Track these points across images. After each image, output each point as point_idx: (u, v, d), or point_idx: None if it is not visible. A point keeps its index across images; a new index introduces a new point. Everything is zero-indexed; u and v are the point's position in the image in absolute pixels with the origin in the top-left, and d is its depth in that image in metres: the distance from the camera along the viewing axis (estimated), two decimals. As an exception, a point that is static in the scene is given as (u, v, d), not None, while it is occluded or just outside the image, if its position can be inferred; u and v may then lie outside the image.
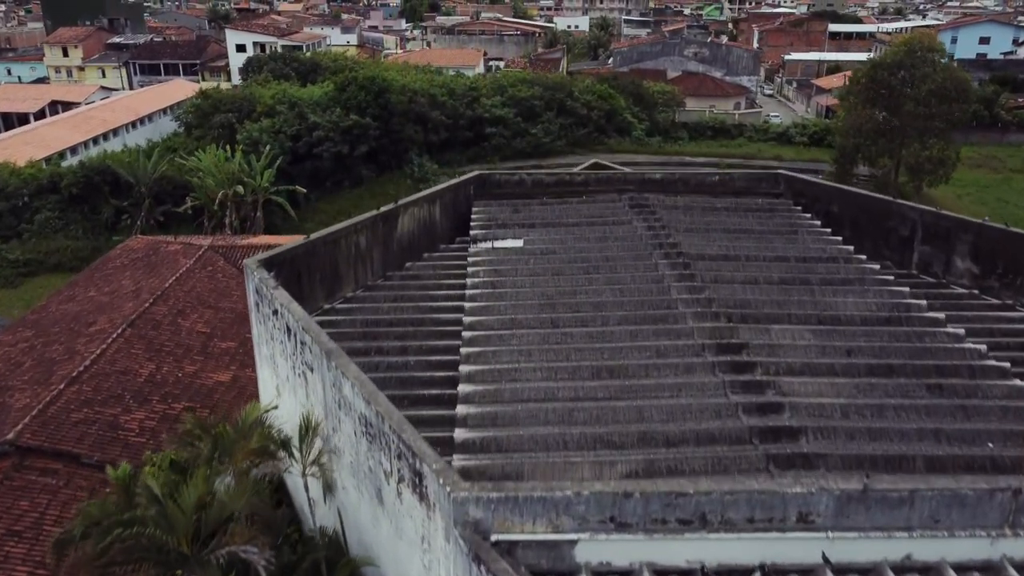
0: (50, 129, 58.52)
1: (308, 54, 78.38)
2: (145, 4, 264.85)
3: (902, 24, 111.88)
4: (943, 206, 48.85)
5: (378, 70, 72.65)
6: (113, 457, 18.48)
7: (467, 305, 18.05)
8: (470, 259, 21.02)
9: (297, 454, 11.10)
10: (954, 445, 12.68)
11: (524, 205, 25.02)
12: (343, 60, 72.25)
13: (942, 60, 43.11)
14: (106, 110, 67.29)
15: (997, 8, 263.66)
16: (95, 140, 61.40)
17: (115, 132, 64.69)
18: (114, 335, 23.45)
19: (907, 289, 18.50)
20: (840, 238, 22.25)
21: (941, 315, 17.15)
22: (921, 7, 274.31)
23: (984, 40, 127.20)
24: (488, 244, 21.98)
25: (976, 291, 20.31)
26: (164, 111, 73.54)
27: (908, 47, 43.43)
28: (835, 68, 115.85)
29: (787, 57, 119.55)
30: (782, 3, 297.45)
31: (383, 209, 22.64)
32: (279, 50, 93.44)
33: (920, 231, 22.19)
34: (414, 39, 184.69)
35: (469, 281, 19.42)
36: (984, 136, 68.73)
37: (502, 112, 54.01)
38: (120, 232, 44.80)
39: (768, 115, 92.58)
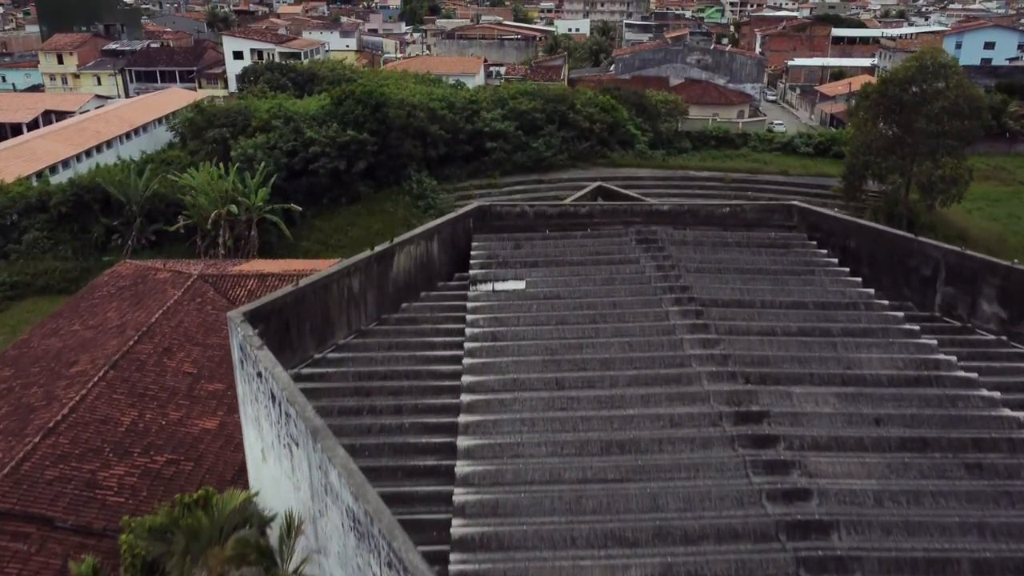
0: (41, 142, 57.41)
1: (306, 62, 77.32)
2: (144, 7, 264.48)
3: (907, 30, 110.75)
4: (953, 223, 47.76)
5: (376, 80, 71.74)
6: (89, 520, 17.40)
7: (466, 361, 16.91)
8: (469, 304, 19.89)
9: (279, 557, 9.99)
10: (1001, 540, 11.54)
11: (526, 239, 23.90)
12: (341, 70, 71.17)
13: (955, 75, 41.86)
14: (99, 121, 66.18)
15: (1000, 11, 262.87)
16: (88, 153, 60.27)
17: (108, 144, 63.56)
18: (95, 378, 22.36)
19: (935, 342, 17.35)
20: (859, 279, 21.12)
21: (974, 375, 16.01)
22: (923, 9, 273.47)
23: (989, 45, 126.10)
24: (488, 286, 20.86)
25: (1004, 337, 19.17)
26: (159, 120, 72.43)
27: (920, 62, 42.32)
28: (839, 74, 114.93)
29: (790, 63, 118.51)
30: (783, 4, 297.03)
31: (377, 249, 21.50)
32: (276, 57, 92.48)
33: (943, 272, 21.06)
34: (414, 42, 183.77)
35: (468, 331, 18.30)
36: (992, 146, 67.55)
37: (503, 126, 52.90)
38: (110, 252, 43.75)
39: (772, 123, 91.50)
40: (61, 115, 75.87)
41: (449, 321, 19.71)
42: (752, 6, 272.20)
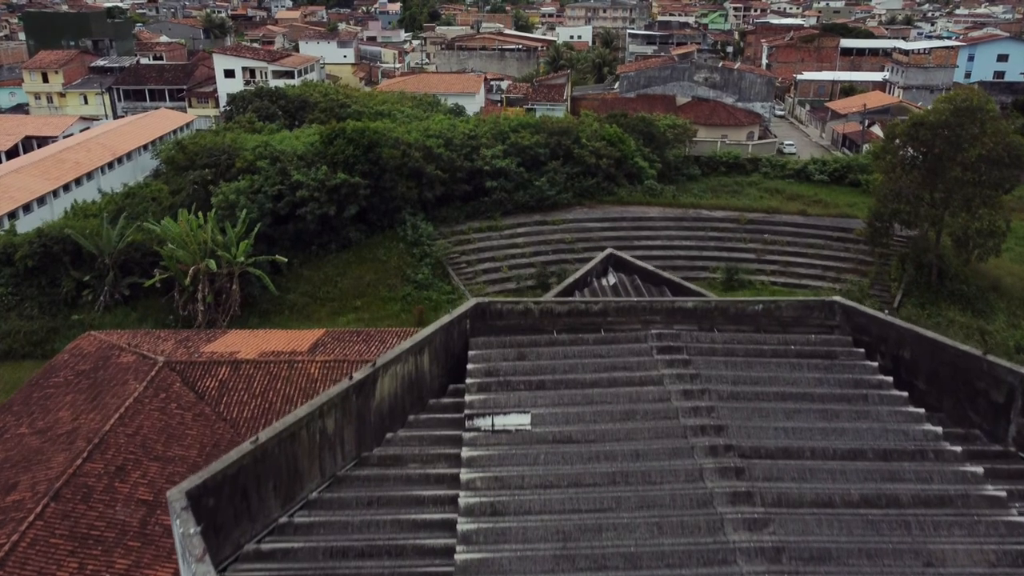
0: (15, 177, 54.22)
1: (298, 84, 74.08)
2: (139, 11, 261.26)
3: (920, 44, 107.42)
4: (986, 272, 44.52)
5: (372, 103, 68.67)
6: None
7: (459, 557, 13.63)
8: (465, 452, 16.60)
9: None
10: None
11: (531, 345, 20.64)
12: (334, 94, 67.95)
13: (991, 120, 38.66)
14: (80, 150, 62.97)
15: (1007, 16, 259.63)
16: (66, 187, 57.11)
17: (89, 176, 60.41)
18: (32, 515, 19.18)
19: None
20: (922, 411, 17.87)
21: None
22: (929, 15, 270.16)
23: (1002, 58, 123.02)
24: (487, 421, 17.56)
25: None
26: (145, 147, 69.28)
27: (954, 106, 39.13)
28: (849, 89, 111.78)
29: (799, 77, 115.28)
30: (787, 9, 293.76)
31: (357, 377, 18.08)
32: (269, 75, 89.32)
33: (1020, 399, 17.75)
34: (413, 51, 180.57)
35: (463, 501, 15.02)
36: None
37: (503, 163, 49.68)
38: (81, 310, 40.59)
39: (782, 143, 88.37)
40: (43, 140, 72.77)
41: (441, 462, 16.37)
42: (755, 11, 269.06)
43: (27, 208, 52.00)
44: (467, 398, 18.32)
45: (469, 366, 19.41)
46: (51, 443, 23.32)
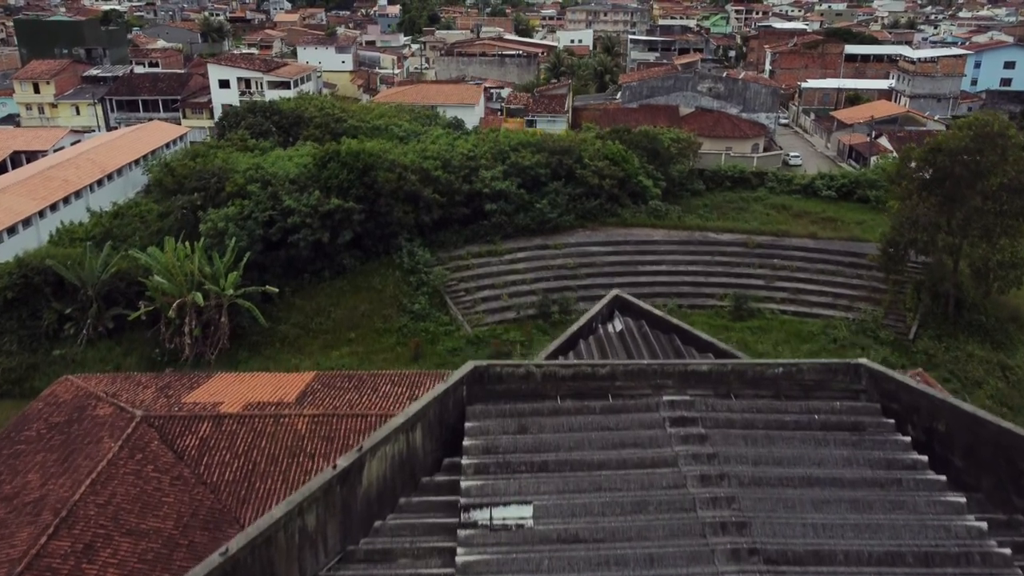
0: (0, 198, 52.53)
1: (293, 96, 72.38)
2: (137, 13, 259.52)
3: (926, 53, 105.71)
4: (1005, 303, 42.82)
5: (369, 117, 66.92)
6: None
7: None
8: (461, 554, 14.94)
9: None
10: None
11: (533, 414, 18.95)
12: (330, 108, 66.26)
13: (1015, 147, 36.96)
14: (69, 167, 61.30)
15: (1010, 19, 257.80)
16: (53, 207, 55.45)
17: (77, 194, 58.75)
18: (-13, 611, 17.53)
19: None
20: (962, 500, 16.20)
21: None
22: (932, 16, 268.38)
23: (1009, 65, 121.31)
24: (485, 514, 15.87)
25: None
26: (136, 162, 67.61)
27: (974, 131, 37.46)
28: (854, 97, 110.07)
29: (804, 84, 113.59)
30: (789, 11, 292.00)
31: (341, 465, 16.36)
32: (265, 86, 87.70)
33: (1071, 486, 16.03)
34: (412, 55, 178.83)
35: (458, 624, 13.32)
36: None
37: (503, 185, 47.99)
38: (62, 343, 38.93)
39: (787, 155, 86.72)
40: (32, 155, 71.12)
41: (434, 557, 14.74)
42: (757, 14, 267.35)
43: (11, 231, 50.34)
44: (463, 483, 16.57)
45: (466, 441, 17.67)
46: (16, 514, 21.68)
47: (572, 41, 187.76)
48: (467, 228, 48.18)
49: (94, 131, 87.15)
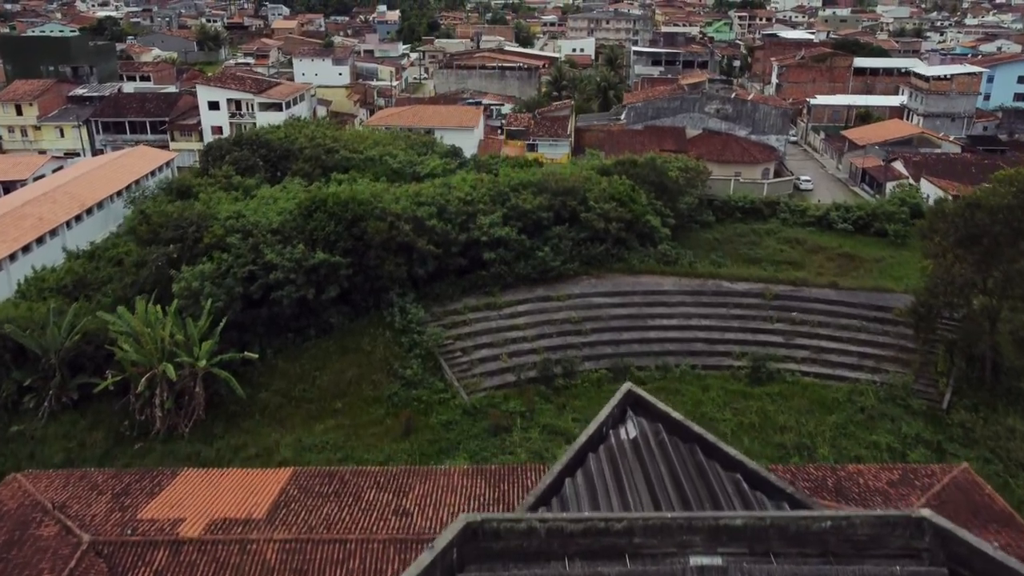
0: (-33, 242, 49.40)
1: (284, 120, 69.13)
2: (133, 20, 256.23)
3: (941, 70, 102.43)
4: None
5: (362, 146, 63.73)
6: None
7: None
8: None
9: None
10: None
11: (536, 586, 15.71)
12: (321, 138, 63.06)
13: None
14: (45, 202, 58.05)
15: (1017, 26, 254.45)
16: (26, 248, 52.27)
17: (53, 232, 55.54)
18: None
19: None
20: None
21: None
22: (938, 24, 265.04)
23: (1022, 79, 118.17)
24: None
25: None
26: (118, 194, 64.40)
27: (1017, 187, 34.30)
28: (865, 114, 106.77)
29: (813, 101, 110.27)
30: (792, 17, 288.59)
31: None
32: (256, 107, 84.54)
33: None
34: (411, 65, 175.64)
35: None
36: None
37: (503, 232, 44.77)
38: (22, 418, 35.74)
39: (798, 179, 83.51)
40: (10, 185, 67.99)
41: None
42: (761, 20, 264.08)
43: (-22, 278, 47.26)
44: None
45: (458, 622, 14.45)
46: None
47: (574, 50, 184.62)
48: (464, 279, 44.99)
49: (78, 155, 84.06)
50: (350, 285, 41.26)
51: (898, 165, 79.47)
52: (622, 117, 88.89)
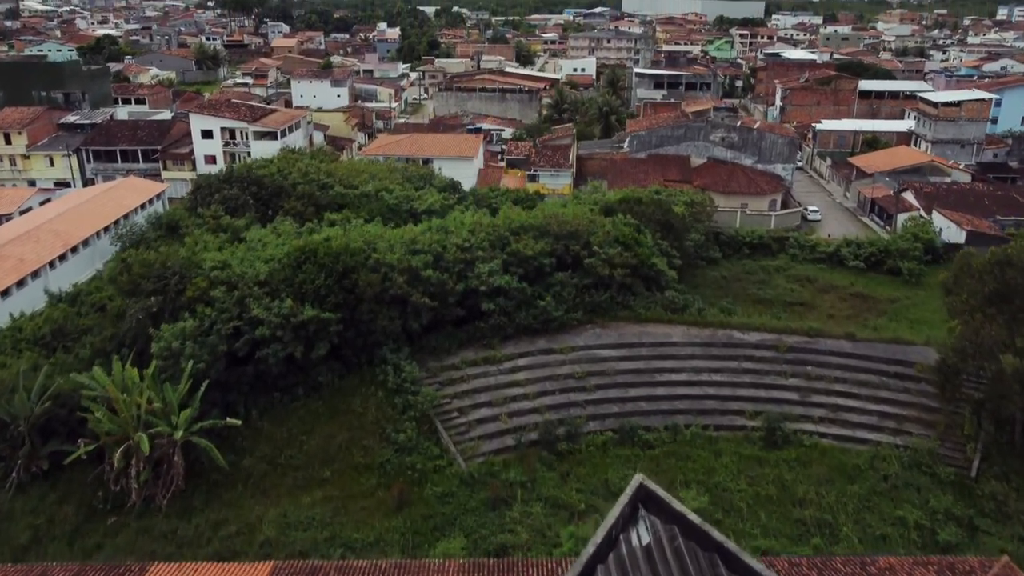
0: (-58, 288, 47.26)
1: (275, 159, 67.10)
2: (133, 38, 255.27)
3: (950, 96, 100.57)
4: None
5: (358, 180, 61.63)
6: None
7: None
8: None
9: None
10: None
11: None
12: (315, 174, 60.97)
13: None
14: (28, 241, 55.89)
15: (1019, 44, 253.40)
16: (5, 292, 50.15)
17: (36, 274, 53.39)
18: None
19: None
20: None
21: None
22: (939, 42, 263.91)
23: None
24: None
25: None
26: (106, 230, 62.28)
27: (1052, 245, 32.18)
28: (872, 140, 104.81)
29: (818, 127, 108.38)
30: (794, 35, 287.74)
31: None
32: (250, 136, 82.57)
33: None
34: (412, 85, 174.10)
35: None
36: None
37: (503, 280, 42.55)
38: (-13, 491, 33.41)
39: (806, 209, 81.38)
40: (-6, 220, 65.88)
41: None
42: (762, 38, 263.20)
43: (-49, 328, 45.04)
44: None
45: None
46: None
47: (575, 70, 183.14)
48: (461, 330, 42.74)
49: (69, 185, 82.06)
50: (341, 341, 39.00)
51: (909, 196, 77.34)
52: (625, 145, 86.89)
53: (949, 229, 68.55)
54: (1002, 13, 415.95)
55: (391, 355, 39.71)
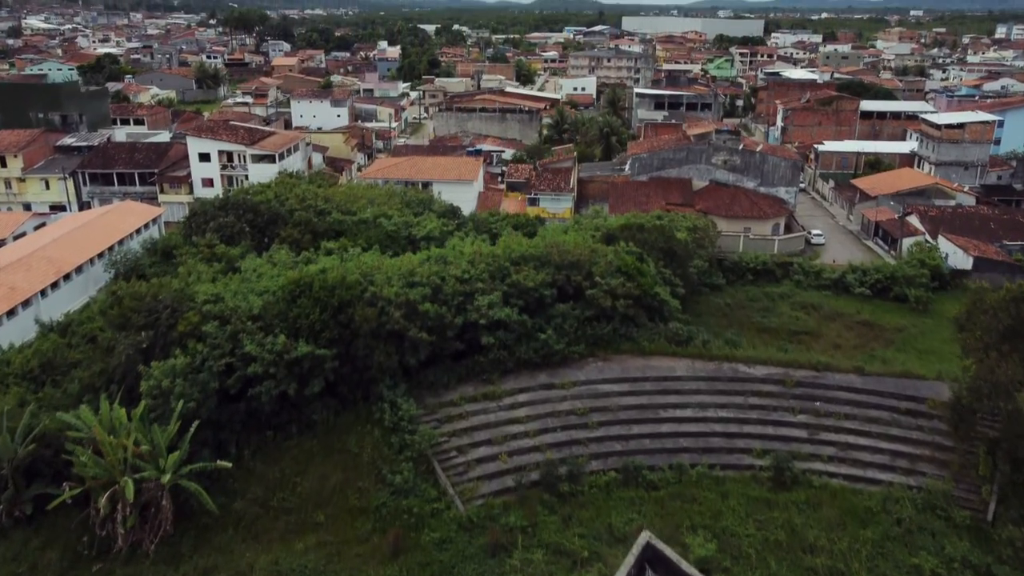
0: (-71, 321, 46.21)
1: (272, 184, 66.30)
2: (134, 56, 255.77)
3: (953, 117, 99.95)
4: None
5: (356, 206, 60.73)
6: None
7: None
8: None
9: None
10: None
11: None
12: (312, 200, 60.13)
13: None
14: (19, 269, 54.89)
15: (1019, 63, 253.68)
16: (-6, 322, 49.15)
17: (26, 303, 52.37)
18: None
19: None
20: None
21: None
22: (939, 61, 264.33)
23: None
24: None
25: None
26: (100, 256, 61.31)
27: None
28: (875, 161, 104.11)
29: (820, 148, 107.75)
30: (794, 54, 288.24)
31: None
32: (248, 159, 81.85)
33: None
34: (412, 105, 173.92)
35: None
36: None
37: (502, 313, 41.50)
38: (-33, 538, 32.20)
39: (809, 233, 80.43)
40: (-13, 245, 64.90)
41: None
42: (762, 57, 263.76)
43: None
44: None
45: None
46: None
47: (575, 89, 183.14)
48: (460, 364, 41.65)
49: (64, 209, 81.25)
50: (336, 377, 37.89)
51: (913, 219, 76.46)
52: (626, 168, 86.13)
53: (955, 254, 67.60)
54: (1000, 31, 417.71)
55: (387, 391, 38.61)
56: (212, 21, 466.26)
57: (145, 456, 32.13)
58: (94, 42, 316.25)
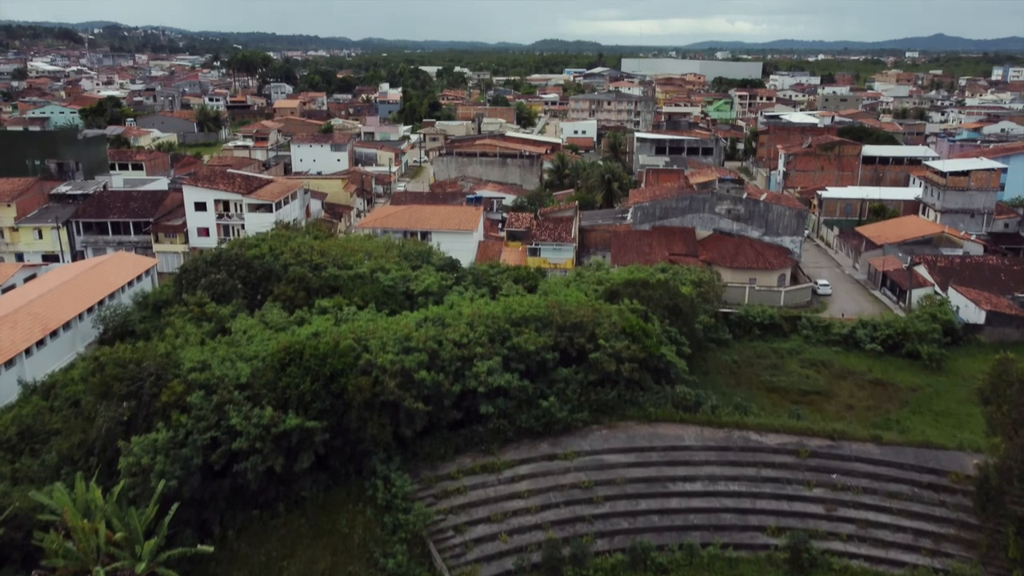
0: (-93, 383, 44.38)
1: (267, 237, 64.85)
2: (137, 99, 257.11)
3: (958, 165, 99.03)
4: None
5: (352, 260, 59.30)
6: None
7: None
8: None
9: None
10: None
11: None
12: (307, 253, 58.68)
13: None
14: (4, 326, 53.16)
15: (1017, 105, 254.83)
16: (-25, 384, 47.29)
17: (10, 362, 50.53)
18: None
19: None
20: None
21: None
22: (937, 103, 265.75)
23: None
24: None
25: None
26: (90, 310, 59.62)
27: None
28: (879, 208, 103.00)
29: (824, 195, 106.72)
30: (793, 96, 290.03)
31: None
32: (244, 208, 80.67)
33: None
34: (412, 148, 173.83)
35: None
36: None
37: (502, 380, 39.68)
38: (-73, 632, 30.03)
39: (816, 283, 78.80)
40: (-25, 299, 63.23)
41: None
42: (761, 99, 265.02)
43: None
44: None
45: None
46: None
47: (575, 132, 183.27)
48: (458, 434, 39.70)
49: (57, 259, 79.80)
50: (327, 450, 35.96)
51: (922, 270, 74.91)
52: (628, 216, 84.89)
53: (967, 308, 65.92)
54: (996, 73, 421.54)
55: (381, 465, 36.62)
56: (216, 63, 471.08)
57: (120, 543, 30.06)
58: (98, 84, 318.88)
